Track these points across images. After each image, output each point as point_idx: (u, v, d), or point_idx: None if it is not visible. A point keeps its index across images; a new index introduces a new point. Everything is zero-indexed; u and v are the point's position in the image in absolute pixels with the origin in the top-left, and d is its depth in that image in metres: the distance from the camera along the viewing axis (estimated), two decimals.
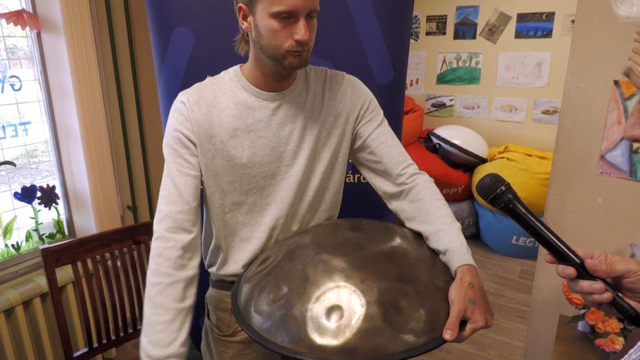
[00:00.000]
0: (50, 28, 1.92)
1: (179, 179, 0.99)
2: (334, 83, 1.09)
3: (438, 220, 0.98)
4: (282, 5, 0.88)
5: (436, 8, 3.96)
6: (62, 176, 2.13)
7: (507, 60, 3.75)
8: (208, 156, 1.02)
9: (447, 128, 3.76)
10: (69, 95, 1.97)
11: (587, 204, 1.51)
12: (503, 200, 0.69)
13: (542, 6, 3.54)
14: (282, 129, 1.03)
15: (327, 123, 1.06)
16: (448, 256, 0.91)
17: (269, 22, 0.90)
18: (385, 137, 1.09)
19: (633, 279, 0.64)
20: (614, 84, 1.40)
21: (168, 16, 1.46)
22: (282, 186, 1.05)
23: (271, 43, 0.92)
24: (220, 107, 1.01)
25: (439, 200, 1.03)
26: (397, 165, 1.07)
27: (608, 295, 0.64)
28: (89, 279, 1.51)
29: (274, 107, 1.02)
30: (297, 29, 0.90)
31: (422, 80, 4.17)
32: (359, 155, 1.12)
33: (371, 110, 1.11)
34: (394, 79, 1.56)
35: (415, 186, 1.05)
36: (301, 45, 0.92)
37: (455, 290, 0.83)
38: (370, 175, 1.11)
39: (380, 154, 1.07)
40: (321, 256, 0.87)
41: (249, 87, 1.02)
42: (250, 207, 1.06)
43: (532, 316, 1.73)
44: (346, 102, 1.08)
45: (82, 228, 2.19)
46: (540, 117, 3.71)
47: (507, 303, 2.82)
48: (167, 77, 1.52)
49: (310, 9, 0.91)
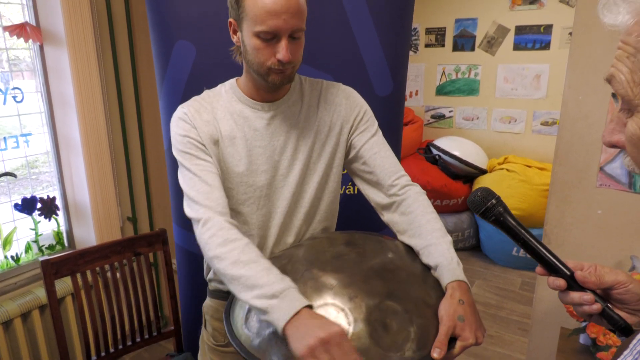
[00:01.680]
0: (52, 40, 1.94)
1: (207, 177, 0.96)
2: (329, 94, 1.10)
3: (429, 235, 0.96)
4: (264, 26, 0.89)
5: (435, 20, 4.00)
6: (62, 187, 2.14)
7: (505, 72, 3.77)
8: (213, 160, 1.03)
9: (447, 139, 3.77)
10: (70, 106, 1.98)
11: (586, 216, 1.51)
12: (494, 213, 0.70)
13: (539, 19, 3.57)
14: (277, 139, 1.04)
15: (321, 133, 1.07)
16: (439, 272, 0.90)
17: (252, 40, 0.93)
18: (379, 148, 1.09)
19: (622, 290, 0.65)
20: (611, 96, 1.41)
21: (170, 29, 1.47)
22: (277, 196, 1.06)
23: (255, 60, 0.95)
24: (218, 117, 1.03)
25: (430, 214, 1.01)
26: (389, 176, 1.06)
27: (598, 306, 0.64)
28: (88, 291, 1.50)
29: (268, 117, 1.04)
30: (278, 49, 0.92)
31: (422, 91, 4.20)
32: (352, 165, 1.12)
33: (365, 121, 1.11)
34: (394, 91, 1.57)
35: (407, 198, 1.04)
36: (282, 64, 0.93)
37: (444, 307, 0.81)
38: (364, 186, 1.11)
39: (372, 164, 1.07)
40: (311, 272, 0.86)
41: (244, 98, 1.05)
42: (246, 217, 1.06)
43: (533, 329, 1.72)
44: (341, 113, 1.09)
45: (81, 239, 2.18)
46: (540, 129, 3.72)
47: (508, 315, 2.81)
48: (169, 89, 1.53)
49: (293, 29, 0.92)
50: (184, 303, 1.76)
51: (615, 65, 0.43)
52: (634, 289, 0.65)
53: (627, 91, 0.42)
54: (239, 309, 0.91)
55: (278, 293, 0.79)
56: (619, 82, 0.43)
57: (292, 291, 0.79)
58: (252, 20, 0.90)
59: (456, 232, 3.62)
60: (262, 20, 0.89)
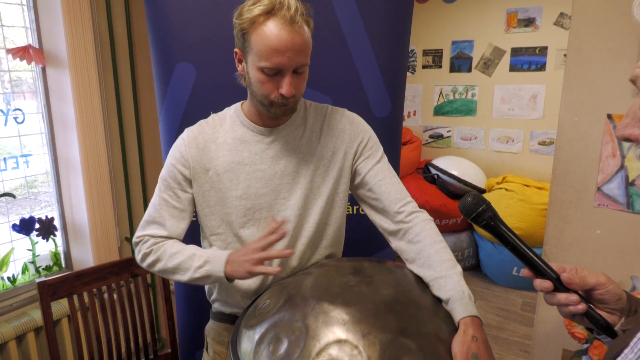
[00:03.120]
0: (55, 62, 1.96)
1: (165, 210, 1.07)
2: (333, 119, 1.11)
3: (439, 266, 0.95)
4: (268, 62, 0.91)
5: (432, 42, 4.06)
6: (61, 207, 2.13)
7: (502, 92, 3.82)
8: (205, 188, 1.06)
9: (445, 159, 3.79)
10: (71, 127, 1.99)
11: (586, 235, 1.51)
12: (484, 218, 0.72)
13: (534, 41, 3.63)
14: (278, 163, 1.05)
15: (324, 158, 1.08)
16: (450, 306, 0.89)
17: (257, 74, 0.95)
18: (384, 175, 1.08)
19: (602, 290, 0.69)
20: (607, 117, 1.42)
21: (171, 51, 1.50)
22: (278, 219, 1.05)
23: (258, 92, 0.97)
24: (218, 142, 1.06)
25: (439, 243, 1.00)
26: (395, 203, 1.05)
27: (583, 306, 0.68)
28: (85, 313, 1.49)
29: (269, 141, 1.06)
30: (282, 84, 0.93)
31: (420, 112, 4.23)
32: (358, 191, 1.12)
33: (370, 147, 1.11)
34: (392, 112, 1.58)
35: (414, 226, 1.03)
36: (285, 98, 0.95)
37: (458, 345, 0.80)
38: (370, 212, 1.11)
39: (378, 191, 1.07)
40: (322, 306, 0.84)
41: (247, 122, 1.07)
42: (247, 241, 1.06)
43: (535, 350, 1.70)
44: (344, 138, 1.09)
45: (79, 260, 2.17)
46: (537, 148, 3.75)
47: (509, 337, 2.77)
48: (169, 111, 1.55)
49: (297, 65, 0.93)
50: (181, 325, 1.74)
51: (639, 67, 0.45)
52: (613, 289, 0.69)
53: None
54: (246, 342, 0.88)
55: (209, 258, 0.98)
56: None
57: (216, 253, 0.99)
58: (257, 55, 0.92)
59: (456, 251, 3.60)
60: (266, 57, 0.91)
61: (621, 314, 0.69)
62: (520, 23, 3.66)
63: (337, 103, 1.52)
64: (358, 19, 1.48)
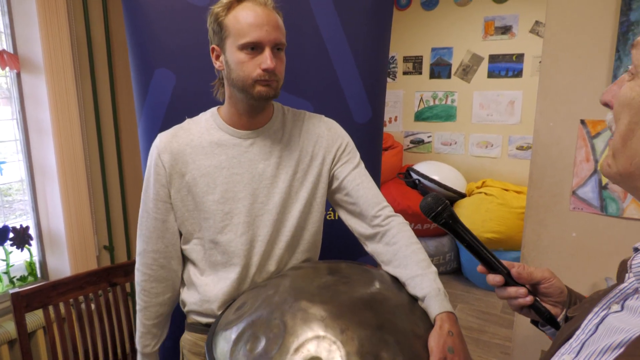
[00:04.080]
0: (30, 68, 1.92)
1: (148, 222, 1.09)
2: (311, 124, 1.12)
3: (415, 265, 0.97)
4: (247, 37, 0.95)
5: (412, 49, 4.12)
6: (36, 216, 2.08)
7: (481, 98, 3.89)
8: (183, 193, 1.05)
9: (426, 164, 3.83)
10: (47, 133, 1.95)
11: (562, 238, 1.54)
12: (443, 217, 0.76)
13: (511, 48, 3.72)
14: (256, 166, 1.05)
15: (303, 163, 1.08)
16: (426, 303, 0.91)
17: (237, 55, 0.97)
18: (362, 179, 1.10)
19: (547, 284, 0.76)
20: (580, 123, 1.46)
21: (150, 57, 1.48)
22: (258, 223, 1.05)
23: (240, 75, 0.98)
24: (193, 146, 1.05)
25: (414, 244, 1.02)
26: (372, 207, 1.07)
27: (530, 298, 0.74)
28: (61, 324, 1.45)
29: (247, 144, 1.05)
30: (263, 59, 0.96)
31: (401, 117, 4.28)
32: (335, 196, 1.13)
33: (348, 152, 1.13)
34: (372, 118, 1.60)
35: (391, 229, 1.05)
36: (268, 74, 0.97)
37: (434, 339, 0.83)
38: (347, 217, 1.12)
39: (356, 195, 1.08)
40: (299, 304, 0.85)
41: (224, 126, 1.07)
42: (225, 246, 1.05)
43: (515, 352, 1.72)
44: (322, 143, 1.11)
45: (55, 270, 2.12)
46: (515, 153, 3.82)
47: (490, 339, 2.81)
48: (148, 117, 1.53)
49: (275, 41, 0.97)
50: None
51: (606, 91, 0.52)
52: (557, 283, 0.76)
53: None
54: (223, 343, 0.87)
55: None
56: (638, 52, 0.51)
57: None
58: (236, 35, 0.96)
59: (437, 255, 3.64)
60: (245, 33, 0.94)
61: (563, 306, 0.76)
62: (498, 31, 3.74)
63: (318, 109, 1.52)
64: (338, 26, 1.49)
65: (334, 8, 1.48)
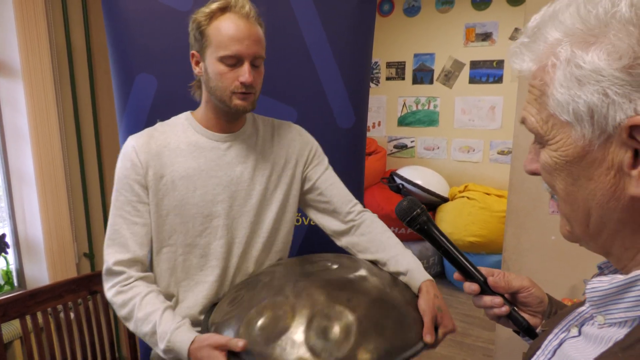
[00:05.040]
0: (7, 72, 1.88)
1: (126, 229, 1.02)
2: (283, 130, 1.17)
3: (392, 247, 1.08)
4: (227, 51, 0.96)
5: (395, 55, 4.16)
6: (13, 223, 2.03)
7: (463, 104, 3.94)
8: (159, 196, 1.03)
9: (409, 169, 3.87)
10: (24, 139, 1.91)
11: (541, 242, 1.57)
12: (419, 222, 0.75)
13: (492, 54, 3.78)
14: (234, 169, 1.06)
15: (277, 166, 1.12)
16: (410, 275, 1.01)
17: (216, 66, 0.98)
18: (333, 180, 1.18)
19: (526, 294, 0.73)
20: None
21: (131, 62, 1.47)
22: (236, 225, 1.07)
23: (218, 85, 0.99)
24: (170, 148, 1.04)
25: (388, 232, 1.12)
26: (345, 204, 1.15)
27: (506, 308, 0.72)
28: (39, 334, 1.41)
29: (225, 147, 1.07)
30: (241, 72, 0.97)
31: (384, 122, 4.31)
32: (307, 197, 1.18)
33: (318, 155, 1.19)
34: (356, 123, 1.60)
35: (365, 221, 1.14)
36: (246, 87, 0.98)
37: (425, 302, 0.94)
38: (319, 216, 1.18)
39: (329, 194, 1.15)
40: (301, 282, 0.92)
41: (201, 129, 1.07)
42: (204, 249, 1.06)
43: (497, 354, 1.74)
44: (295, 147, 1.15)
45: (33, 278, 2.07)
46: (497, 157, 3.88)
47: (474, 342, 2.83)
48: (129, 122, 1.51)
49: (254, 55, 0.98)
50: (143, 342, 1.68)
51: (525, 108, 0.49)
52: (536, 292, 0.74)
53: (538, 129, 0.48)
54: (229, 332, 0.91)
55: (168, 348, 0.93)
56: (530, 122, 0.48)
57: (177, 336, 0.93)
58: (217, 46, 0.96)
59: (421, 259, 3.66)
60: (225, 46, 0.96)
61: (543, 316, 0.74)
62: (478, 37, 3.81)
63: (302, 115, 1.53)
64: (321, 32, 1.50)
65: (317, 14, 1.49)
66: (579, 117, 0.43)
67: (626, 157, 0.42)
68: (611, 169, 0.43)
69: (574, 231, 0.50)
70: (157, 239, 1.06)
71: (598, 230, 0.47)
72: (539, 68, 0.46)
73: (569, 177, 0.46)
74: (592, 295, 0.48)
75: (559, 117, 0.45)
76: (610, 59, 0.40)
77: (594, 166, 0.44)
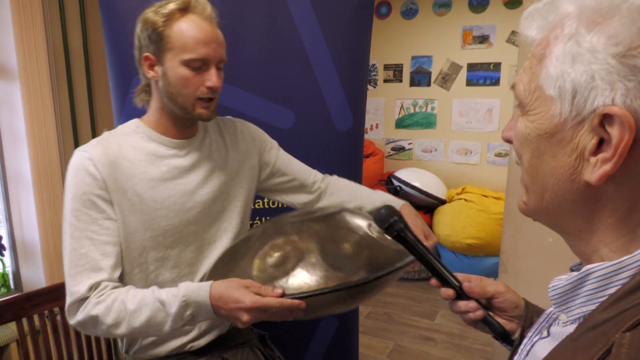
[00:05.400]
0: (4, 74, 1.88)
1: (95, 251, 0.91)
2: (229, 126, 1.15)
3: (363, 192, 1.19)
4: (194, 54, 0.91)
5: (392, 57, 4.17)
6: (9, 225, 2.03)
7: (460, 106, 3.95)
8: (125, 212, 0.95)
9: (407, 171, 3.87)
10: (21, 141, 1.91)
11: (539, 244, 1.57)
12: (396, 229, 0.75)
13: (489, 57, 3.80)
14: (197, 175, 1.04)
15: (236, 161, 1.11)
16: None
17: (180, 70, 0.92)
18: (289, 158, 1.21)
19: (501, 299, 0.74)
20: None
21: (129, 64, 1.46)
22: (205, 229, 1.05)
23: (182, 91, 0.94)
24: (129, 159, 0.96)
25: (352, 182, 1.23)
26: (309, 176, 1.21)
27: (480, 312, 0.72)
28: (35, 337, 1.41)
29: (184, 153, 1.03)
30: (208, 76, 0.94)
31: (382, 124, 4.32)
32: (271, 182, 1.19)
33: (266, 140, 1.20)
34: (354, 125, 1.61)
35: (330, 182, 1.22)
36: (212, 92, 0.95)
37: (411, 220, 1.02)
38: (285, 196, 1.21)
39: (292, 171, 1.19)
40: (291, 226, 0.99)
41: (157, 136, 1.01)
42: (176, 260, 1.02)
43: (495, 357, 1.74)
44: (247, 140, 1.15)
45: (30, 281, 2.06)
46: (494, 160, 3.89)
47: (472, 344, 2.83)
48: None
49: (220, 58, 0.96)
50: None
51: (519, 75, 0.50)
52: (511, 297, 0.75)
53: (523, 97, 0.48)
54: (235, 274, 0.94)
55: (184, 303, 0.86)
56: (518, 89, 0.49)
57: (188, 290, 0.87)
58: (181, 49, 0.91)
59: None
60: (192, 49, 0.91)
61: (519, 321, 0.74)
62: (476, 40, 3.82)
63: (300, 117, 1.53)
64: (319, 34, 1.50)
65: (315, 16, 1.49)
66: (562, 94, 0.44)
67: (590, 144, 0.42)
68: (574, 151, 0.44)
69: (529, 203, 0.51)
70: (127, 260, 0.98)
71: (552, 206, 0.48)
72: (543, 38, 0.47)
73: (535, 150, 0.48)
74: (553, 294, 0.49)
75: (545, 90, 0.45)
76: (608, 43, 0.40)
77: (560, 145, 0.45)
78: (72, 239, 0.92)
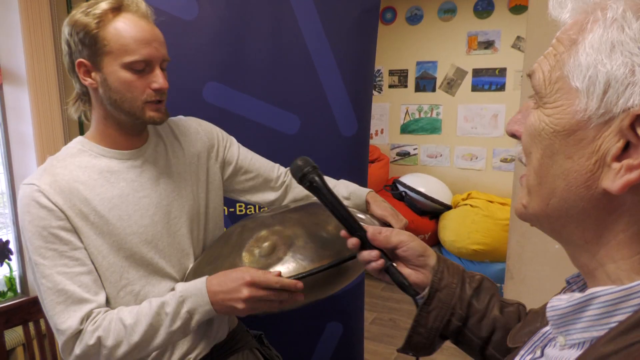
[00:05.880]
0: (13, 80, 1.90)
1: (71, 284, 0.85)
2: (181, 126, 1.09)
3: (330, 181, 1.14)
4: (136, 55, 0.85)
5: (397, 63, 4.18)
6: (17, 230, 2.04)
7: (465, 111, 3.95)
8: (91, 239, 0.89)
9: (412, 176, 3.86)
10: (29, 146, 1.93)
11: (545, 250, 1.56)
12: (309, 179, 0.79)
13: (494, 62, 3.79)
14: (158, 184, 0.98)
15: (192, 164, 1.06)
16: (353, 196, 1.11)
17: (121, 74, 0.86)
18: (251, 154, 1.17)
19: (405, 247, 0.74)
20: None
21: None
22: (178, 239, 1.00)
23: (126, 96, 0.87)
24: (82, 181, 0.89)
25: None
26: (272, 171, 1.17)
27: (381, 261, 0.74)
28: (41, 341, 1.41)
29: (139, 164, 0.96)
30: (154, 78, 0.88)
31: (387, 130, 4.32)
32: (234, 180, 1.15)
33: (225, 137, 1.15)
34: (359, 130, 1.61)
35: None
36: (160, 94, 0.90)
37: (378, 208, 1.06)
38: (250, 195, 1.17)
39: (254, 168, 1.15)
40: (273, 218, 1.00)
41: (106, 151, 0.94)
42: (157, 272, 0.97)
43: None
44: (203, 139, 1.09)
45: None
46: (500, 165, 3.87)
47: None
48: None
49: (163, 57, 0.90)
50: None
51: (539, 62, 0.44)
52: (414, 246, 0.74)
53: (542, 87, 0.43)
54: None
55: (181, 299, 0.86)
56: (537, 78, 0.44)
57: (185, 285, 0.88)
58: (120, 52, 0.84)
59: None
60: (133, 50, 0.84)
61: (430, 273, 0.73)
62: (481, 45, 3.82)
63: (305, 122, 1.53)
64: (324, 40, 1.51)
65: (320, 22, 1.50)
66: (591, 87, 0.38)
67: (615, 147, 0.37)
68: (594, 154, 0.39)
69: (530, 206, 0.46)
70: (109, 285, 0.91)
71: (557, 212, 0.43)
72: (576, 22, 0.41)
73: (548, 148, 0.42)
74: (551, 315, 0.44)
75: (570, 81, 0.40)
76: None
77: (579, 146, 0.39)
78: (44, 279, 0.86)
